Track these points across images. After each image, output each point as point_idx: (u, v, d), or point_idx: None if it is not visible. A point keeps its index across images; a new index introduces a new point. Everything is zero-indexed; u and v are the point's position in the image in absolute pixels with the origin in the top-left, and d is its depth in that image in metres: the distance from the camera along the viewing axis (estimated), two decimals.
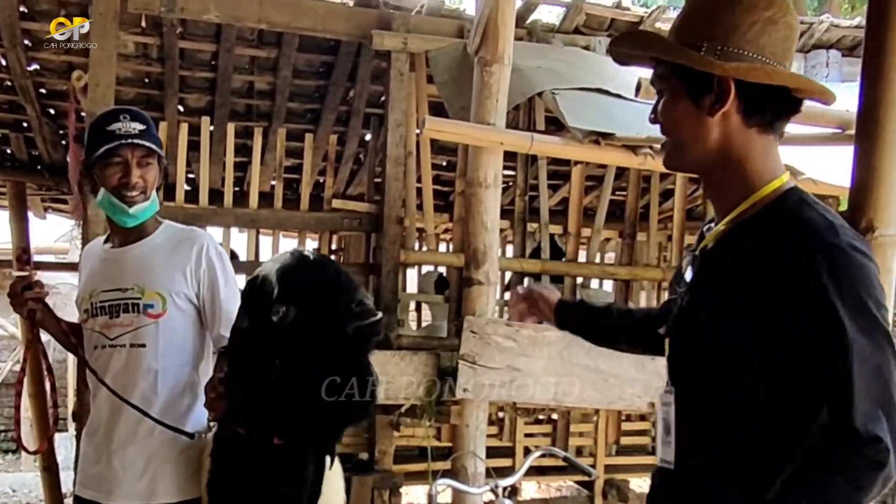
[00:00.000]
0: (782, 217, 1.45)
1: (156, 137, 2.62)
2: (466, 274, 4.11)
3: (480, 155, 4.00)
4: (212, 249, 2.60)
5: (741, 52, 1.47)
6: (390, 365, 4.26)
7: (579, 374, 4.14)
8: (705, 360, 1.51)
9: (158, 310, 2.55)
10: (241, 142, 5.66)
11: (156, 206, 2.63)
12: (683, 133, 1.54)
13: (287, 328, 2.12)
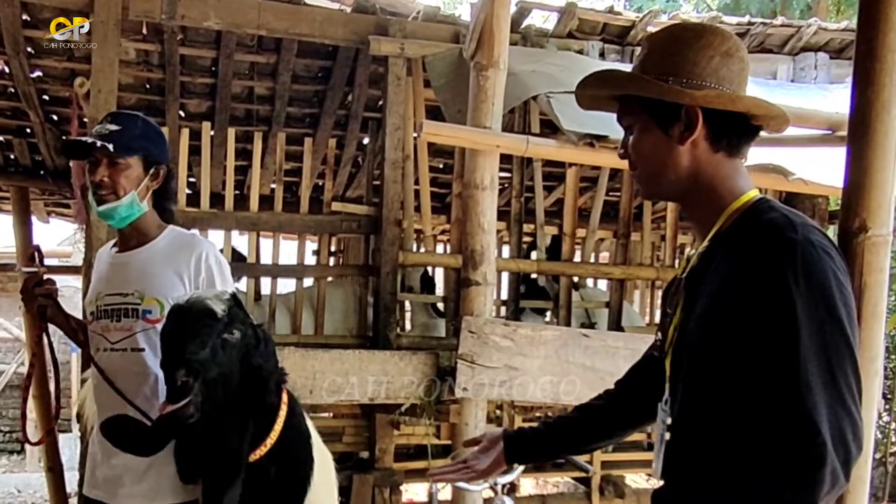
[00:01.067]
0: (748, 221, 1.53)
1: (133, 140, 2.63)
2: (464, 275, 4.17)
3: (477, 157, 4.06)
4: (211, 257, 2.65)
5: (704, 84, 1.56)
6: (390, 364, 4.34)
7: (576, 373, 4.22)
8: (695, 371, 1.57)
9: (157, 315, 2.59)
10: (241, 146, 5.74)
11: (137, 209, 2.65)
12: (656, 163, 1.63)
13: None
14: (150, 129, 2.74)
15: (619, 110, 1.69)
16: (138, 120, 2.73)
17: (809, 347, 1.37)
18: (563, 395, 4.23)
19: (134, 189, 2.62)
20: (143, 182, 2.64)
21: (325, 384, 4.23)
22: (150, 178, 2.67)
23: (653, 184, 1.67)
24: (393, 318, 4.76)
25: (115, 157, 2.59)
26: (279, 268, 5.10)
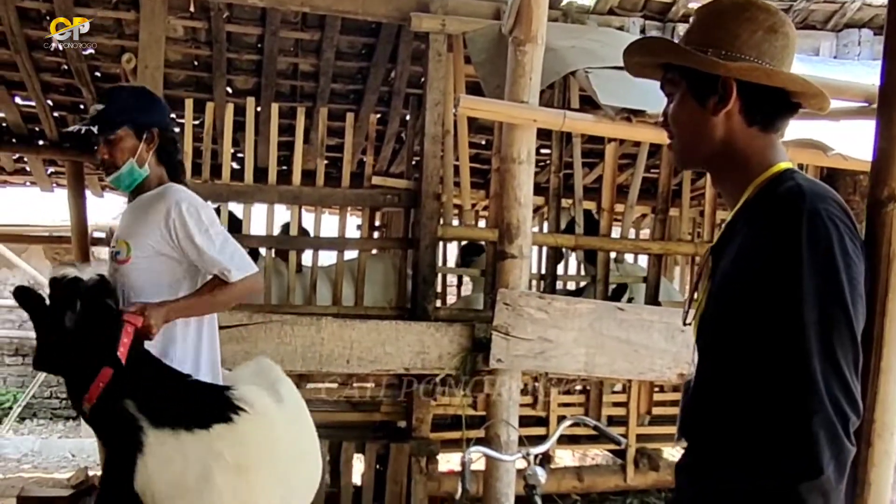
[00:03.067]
0: (768, 191, 1.56)
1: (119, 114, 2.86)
2: (500, 248, 4.22)
3: (514, 132, 4.10)
4: (182, 203, 2.80)
5: (743, 57, 1.58)
6: (426, 336, 4.42)
7: (610, 346, 4.25)
8: (711, 337, 1.61)
9: (123, 256, 2.85)
10: (285, 122, 5.84)
11: (137, 174, 2.91)
12: (691, 132, 1.66)
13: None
14: (135, 99, 2.98)
15: (662, 78, 1.71)
16: (122, 92, 3.02)
17: (811, 316, 1.40)
18: (597, 367, 4.27)
19: (131, 157, 2.88)
20: (139, 149, 2.89)
21: (361, 353, 4.34)
22: (146, 142, 2.90)
23: (686, 153, 1.70)
24: (431, 291, 4.83)
25: (110, 133, 2.85)
26: (321, 240, 5.19)
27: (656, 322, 4.32)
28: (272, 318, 4.29)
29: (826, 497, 1.39)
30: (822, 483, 1.38)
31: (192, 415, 2.56)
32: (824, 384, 1.38)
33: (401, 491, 4.94)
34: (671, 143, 1.73)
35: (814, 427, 1.37)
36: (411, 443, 4.99)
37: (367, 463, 5.05)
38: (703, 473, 1.57)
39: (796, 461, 1.39)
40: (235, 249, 2.86)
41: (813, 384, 1.38)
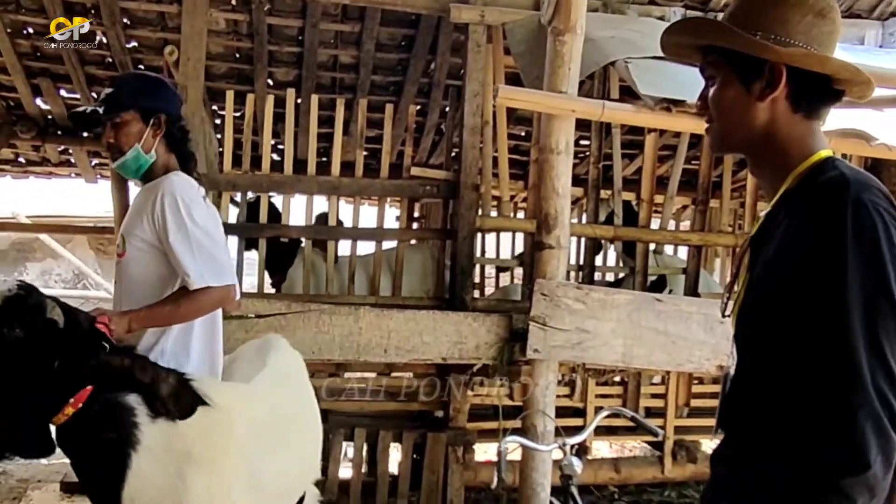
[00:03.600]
0: (810, 181, 1.53)
1: (126, 98, 2.84)
2: (538, 238, 4.22)
3: (552, 122, 4.09)
4: (167, 197, 2.74)
5: (792, 42, 1.54)
6: (463, 326, 4.43)
7: (648, 337, 4.24)
8: (752, 329, 1.58)
9: (121, 250, 2.85)
10: (325, 113, 5.89)
11: (144, 159, 2.86)
12: (732, 118, 1.61)
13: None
14: (144, 84, 2.96)
15: (703, 61, 1.67)
16: (130, 77, 3.01)
17: (856, 307, 1.37)
18: (635, 358, 4.26)
19: (137, 142, 2.84)
20: (144, 134, 2.85)
21: (398, 343, 4.36)
22: (153, 128, 2.86)
23: (726, 139, 1.66)
24: (469, 281, 4.85)
25: (110, 117, 2.83)
26: (359, 230, 5.23)
27: (695, 313, 4.30)
28: (310, 308, 4.33)
29: (872, 491, 1.36)
30: (868, 478, 1.35)
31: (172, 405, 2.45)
32: (870, 376, 1.36)
33: (437, 480, 4.98)
34: (709, 127, 1.69)
35: (859, 420, 1.35)
36: (448, 432, 5.01)
37: (403, 452, 5.09)
38: (742, 464, 1.55)
39: (841, 455, 1.36)
40: (210, 256, 2.73)
41: (858, 376, 1.36)
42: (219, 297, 2.77)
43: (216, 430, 2.46)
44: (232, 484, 2.48)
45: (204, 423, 2.44)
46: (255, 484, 2.56)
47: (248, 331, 4.19)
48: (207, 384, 2.57)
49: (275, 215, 5.07)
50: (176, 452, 2.37)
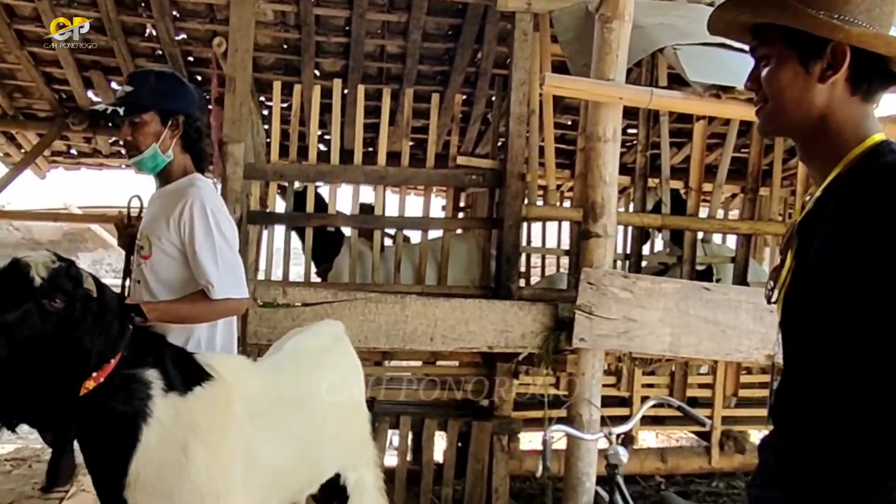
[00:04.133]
0: (865, 165, 1.48)
1: (147, 97, 2.86)
2: (584, 227, 4.20)
3: (600, 110, 4.06)
4: (196, 203, 2.79)
5: (856, 22, 1.47)
6: (509, 314, 4.44)
7: (696, 326, 4.20)
8: (805, 317, 1.54)
9: (146, 251, 2.87)
10: (371, 104, 5.91)
11: (160, 159, 2.91)
12: (788, 99, 1.55)
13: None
14: (164, 84, 2.95)
15: (756, 39, 1.61)
16: (151, 76, 2.95)
17: None
18: (682, 347, 4.23)
19: (154, 142, 2.88)
20: (162, 134, 2.88)
21: (444, 331, 4.37)
22: (171, 129, 2.90)
23: (779, 121, 1.60)
24: (515, 270, 4.84)
25: (129, 117, 2.85)
26: (405, 220, 5.25)
27: (744, 302, 4.25)
28: (357, 296, 4.36)
29: None
30: None
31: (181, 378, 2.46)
32: None
33: (482, 469, 4.98)
34: (760, 108, 1.63)
35: None
36: (493, 421, 5.00)
37: (448, 441, 5.10)
38: (790, 452, 1.54)
39: (889, 441, 1.35)
40: (232, 268, 2.81)
41: None
42: (234, 308, 2.88)
43: (217, 403, 2.48)
44: (230, 460, 2.48)
45: (207, 396, 2.47)
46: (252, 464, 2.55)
47: (294, 319, 4.24)
48: (210, 357, 2.61)
49: (321, 205, 5.11)
50: (183, 425, 2.39)
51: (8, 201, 10.69)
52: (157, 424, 2.35)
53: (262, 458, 2.60)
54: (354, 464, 3.19)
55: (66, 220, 10.33)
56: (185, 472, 2.35)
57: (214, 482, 2.41)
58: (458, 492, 5.07)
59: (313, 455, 2.92)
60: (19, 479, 6.27)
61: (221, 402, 2.49)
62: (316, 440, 2.90)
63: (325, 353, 3.14)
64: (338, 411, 3.02)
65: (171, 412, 2.38)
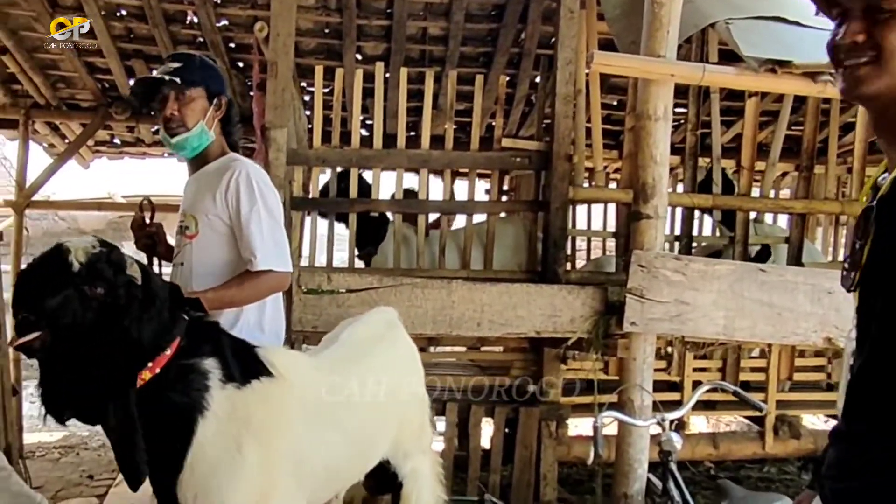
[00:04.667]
0: None
1: (196, 74, 2.84)
2: (635, 208, 4.10)
3: (650, 88, 3.96)
4: (242, 175, 2.76)
5: None
6: (558, 299, 4.36)
7: (751, 308, 4.09)
8: (886, 305, 1.45)
9: (192, 231, 2.83)
10: (413, 87, 5.85)
11: (206, 138, 2.88)
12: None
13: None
14: (208, 64, 2.96)
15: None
16: (196, 56, 2.94)
17: None
18: (737, 331, 4.12)
19: (201, 119, 2.85)
20: (208, 112, 2.87)
21: (492, 317, 4.30)
22: (215, 108, 2.89)
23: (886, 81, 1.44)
24: (562, 254, 4.76)
25: (181, 89, 2.81)
26: (449, 204, 5.18)
27: (801, 283, 4.13)
28: (402, 282, 4.31)
29: None
30: None
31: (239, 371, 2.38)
32: None
33: (530, 455, 4.91)
34: (853, 66, 1.47)
35: None
36: (541, 407, 4.91)
37: (496, 427, 5.04)
38: (872, 441, 1.46)
39: None
40: (275, 240, 2.78)
41: None
42: (278, 282, 2.82)
43: (273, 399, 2.41)
44: (282, 458, 2.40)
45: (263, 391, 2.40)
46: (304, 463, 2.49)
47: (339, 306, 4.20)
48: (271, 351, 2.54)
49: (364, 189, 5.05)
50: (238, 420, 2.31)
51: (53, 191, 10.81)
52: (213, 418, 2.29)
53: (314, 457, 2.54)
54: (410, 451, 3.11)
55: (110, 209, 10.41)
56: (237, 469, 2.30)
57: (265, 480, 2.35)
58: (505, 478, 5.00)
59: (365, 449, 2.86)
60: (67, 467, 6.35)
61: (277, 398, 2.42)
62: (369, 434, 2.85)
63: (379, 342, 3.06)
64: (392, 401, 2.93)
65: (227, 405, 2.32)
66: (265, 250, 2.73)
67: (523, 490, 4.88)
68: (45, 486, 5.78)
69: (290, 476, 2.43)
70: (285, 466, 2.42)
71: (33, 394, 7.61)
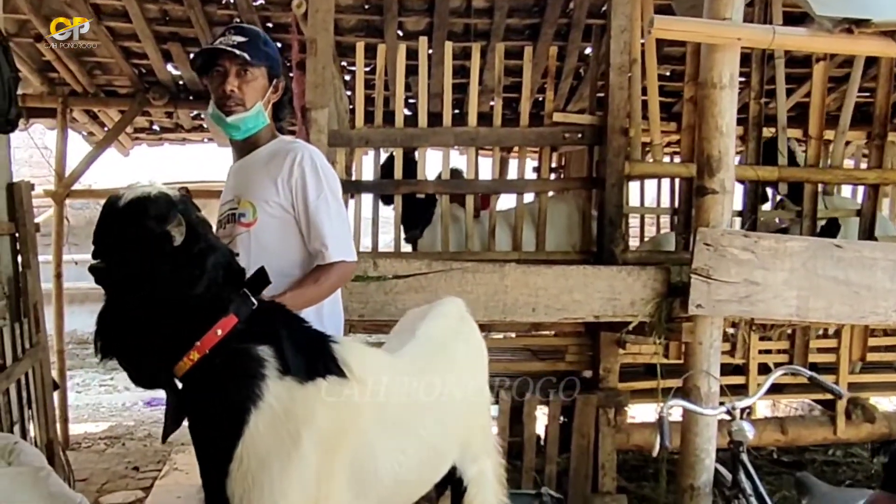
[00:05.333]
0: None
1: (260, 51, 2.65)
2: (699, 183, 3.86)
3: (714, 53, 3.70)
4: (306, 159, 2.60)
5: None
6: (617, 281, 4.13)
7: (826, 287, 3.84)
8: None
9: (249, 219, 2.65)
10: (458, 63, 5.64)
11: (262, 120, 2.70)
12: None
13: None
14: (270, 43, 2.76)
15: None
16: (261, 33, 2.75)
17: None
18: (811, 312, 3.87)
19: (260, 100, 2.69)
20: (267, 93, 2.71)
21: (548, 301, 4.09)
22: (273, 90, 2.73)
23: None
24: (619, 233, 4.53)
25: (245, 66, 2.63)
26: (499, 183, 4.97)
27: (880, 260, 3.87)
28: (452, 266, 4.11)
29: None
30: None
31: (304, 365, 2.19)
32: None
33: (587, 444, 4.71)
34: None
35: None
36: (598, 393, 4.71)
37: (551, 415, 4.84)
38: None
39: None
40: (344, 229, 2.68)
41: None
42: (347, 273, 2.73)
43: (342, 401, 2.21)
44: (342, 468, 2.22)
45: (333, 391, 2.20)
46: (371, 473, 2.31)
47: (386, 293, 4.03)
48: (349, 349, 2.33)
49: (410, 168, 4.85)
50: (297, 417, 2.12)
51: (94, 181, 10.82)
52: (268, 410, 2.10)
53: (383, 469, 2.34)
54: (477, 454, 2.91)
55: None
56: (290, 469, 2.11)
57: (321, 487, 2.16)
58: (561, 468, 4.81)
59: (438, 457, 2.66)
60: (113, 459, 6.32)
61: (347, 402, 2.22)
62: (442, 441, 2.63)
63: (455, 338, 2.84)
64: (464, 402, 2.74)
65: (285, 399, 2.13)
66: (335, 240, 2.60)
67: (580, 480, 4.69)
68: (90, 478, 5.75)
69: (349, 487, 2.24)
70: (345, 476, 2.23)
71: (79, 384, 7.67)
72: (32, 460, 3.25)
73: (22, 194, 4.47)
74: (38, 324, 4.52)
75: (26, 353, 4.28)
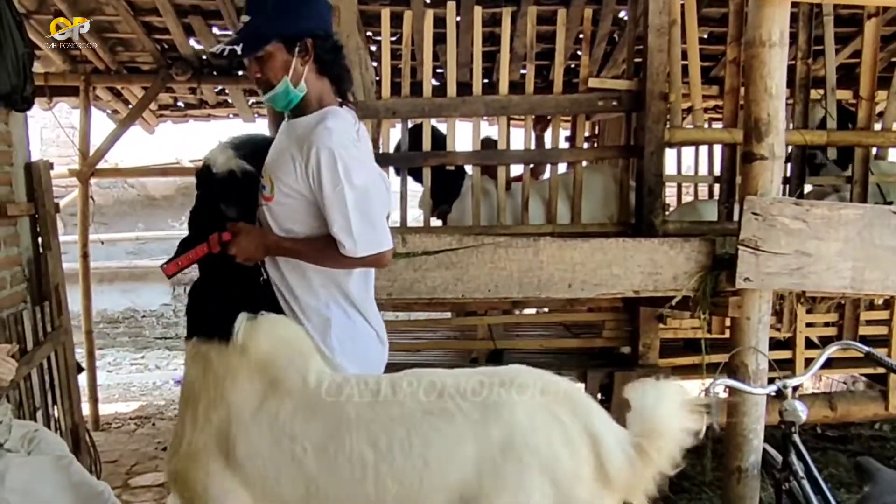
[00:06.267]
0: None
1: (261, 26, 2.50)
2: (746, 148, 3.64)
3: (763, 9, 3.47)
4: (322, 150, 2.42)
5: None
6: (658, 254, 3.93)
7: (883, 257, 3.61)
8: None
9: (268, 193, 2.55)
10: (487, 30, 5.42)
11: (294, 94, 2.56)
12: None
13: None
14: (283, 4, 2.53)
15: None
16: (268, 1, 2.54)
17: None
18: (866, 283, 3.65)
19: (285, 74, 2.53)
20: (292, 65, 2.53)
21: (585, 276, 3.91)
22: (300, 56, 2.53)
23: None
24: (658, 202, 4.33)
25: (250, 54, 2.53)
26: (533, 153, 4.77)
27: None
28: (484, 241, 3.92)
29: None
30: None
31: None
32: None
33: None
34: None
35: None
36: (638, 370, 4.53)
37: (589, 393, 4.68)
38: None
39: None
40: (368, 223, 2.48)
41: None
42: (376, 261, 2.59)
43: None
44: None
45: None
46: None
47: (416, 270, 3.86)
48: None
49: (439, 141, 4.66)
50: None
51: (121, 159, 10.76)
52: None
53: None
54: None
55: (177, 174, 10.37)
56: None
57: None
58: None
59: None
60: (142, 440, 6.28)
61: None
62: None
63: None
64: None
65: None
66: (353, 237, 2.46)
67: None
68: (119, 459, 5.70)
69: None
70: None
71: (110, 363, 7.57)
72: (53, 448, 3.17)
73: (41, 174, 4.35)
74: (60, 306, 4.41)
75: (48, 336, 4.19)
